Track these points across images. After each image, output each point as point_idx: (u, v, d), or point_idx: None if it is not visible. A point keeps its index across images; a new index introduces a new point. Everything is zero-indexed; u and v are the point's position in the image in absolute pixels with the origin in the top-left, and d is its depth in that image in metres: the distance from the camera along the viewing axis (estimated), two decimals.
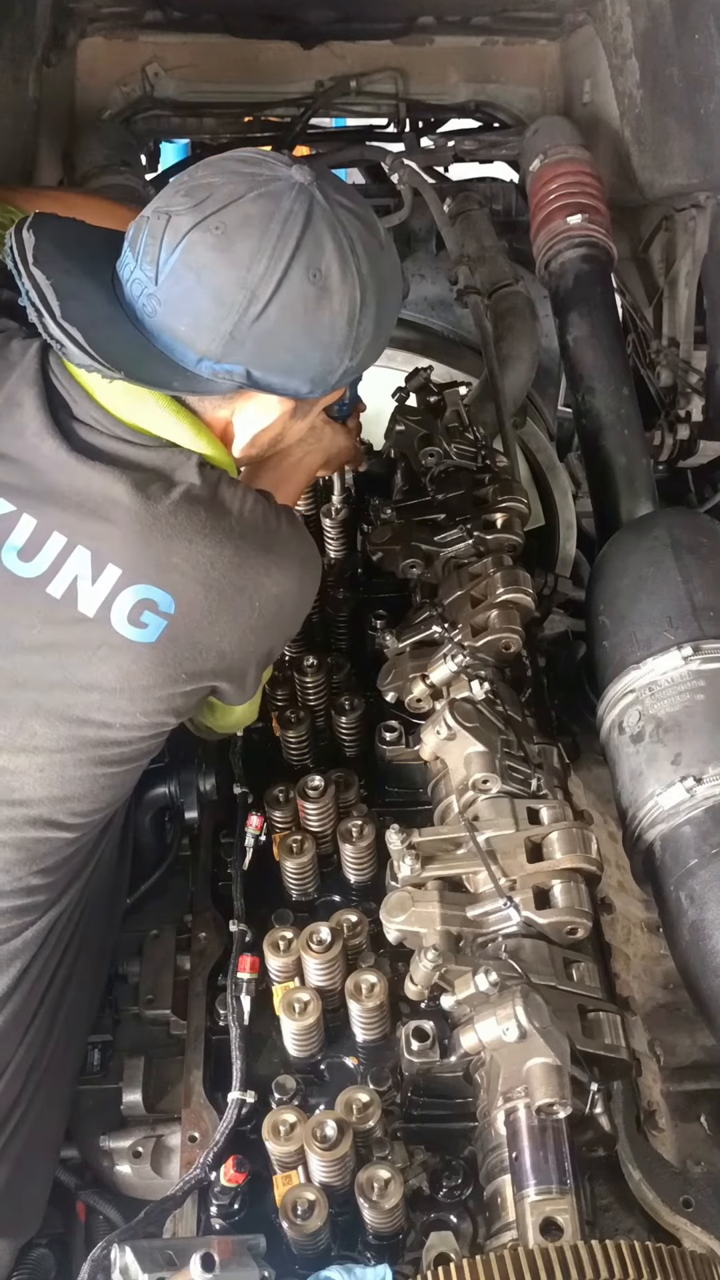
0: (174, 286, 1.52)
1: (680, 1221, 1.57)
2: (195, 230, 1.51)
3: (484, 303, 2.95)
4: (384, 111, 3.49)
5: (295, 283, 1.53)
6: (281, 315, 1.53)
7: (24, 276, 1.50)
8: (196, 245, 1.51)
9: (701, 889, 1.78)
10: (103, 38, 3.27)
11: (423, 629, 2.04)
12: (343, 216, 1.57)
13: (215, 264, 1.51)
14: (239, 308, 1.52)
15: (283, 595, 1.67)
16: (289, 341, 1.56)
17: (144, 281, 1.54)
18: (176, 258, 1.51)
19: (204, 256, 1.50)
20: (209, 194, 1.53)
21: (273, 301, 1.52)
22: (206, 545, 1.57)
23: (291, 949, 1.71)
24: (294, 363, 1.58)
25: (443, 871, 1.67)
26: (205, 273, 1.51)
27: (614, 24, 3.10)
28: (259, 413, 1.65)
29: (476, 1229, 1.51)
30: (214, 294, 1.51)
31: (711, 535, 2.23)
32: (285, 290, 1.53)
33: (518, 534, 2.21)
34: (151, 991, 1.86)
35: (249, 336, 1.53)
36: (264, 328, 1.53)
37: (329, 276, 1.55)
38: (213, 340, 1.53)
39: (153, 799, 2.02)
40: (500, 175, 3.62)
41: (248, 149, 1.65)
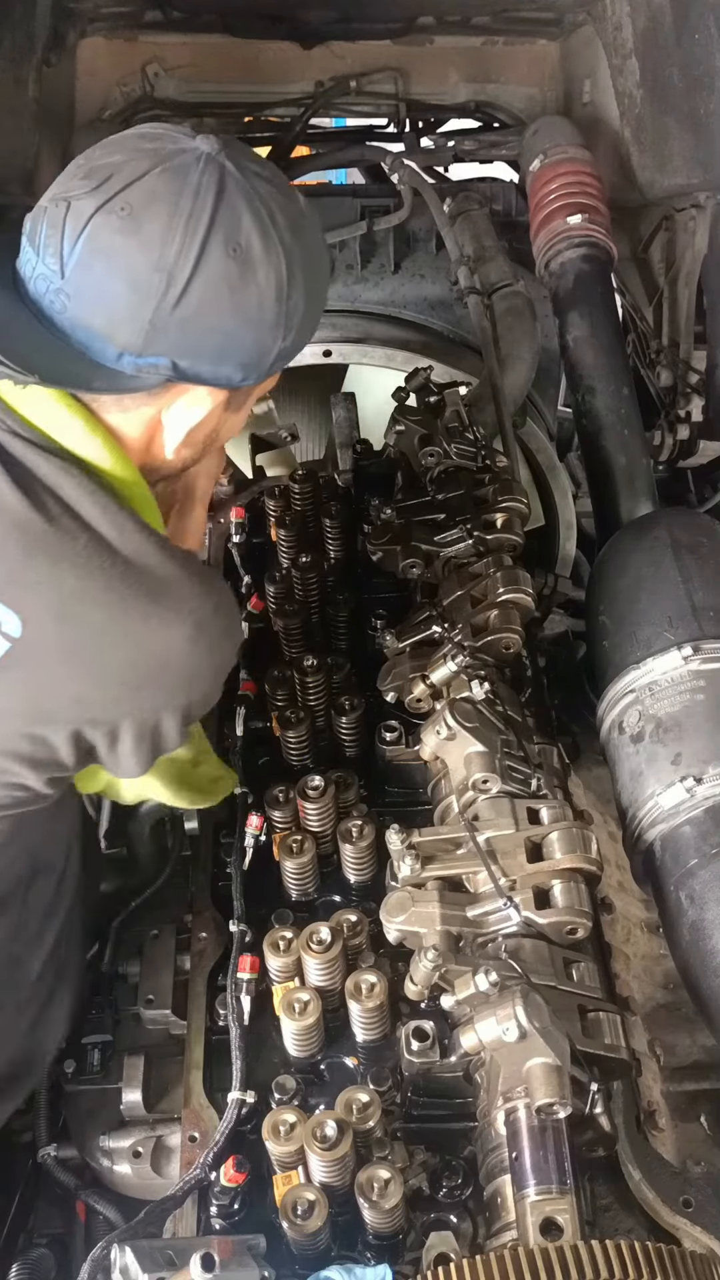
0: (83, 277, 1.41)
1: (680, 1221, 1.57)
2: (99, 214, 1.40)
3: (484, 303, 2.95)
4: (384, 111, 3.49)
5: (215, 260, 1.41)
6: (204, 296, 1.42)
7: None
8: (102, 230, 1.40)
9: (701, 889, 1.78)
10: (103, 38, 3.27)
11: (423, 629, 2.04)
12: (258, 186, 1.46)
13: (126, 248, 1.40)
14: (157, 293, 1.40)
15: (168, 653, 1.48)
16: (216, 324, 1.45)
17: (49, 276, 1.43)
18: (82, 246, 1.40)
19: (112, 241, 1.40)
20: (110, 174, 1.43)
21: (193, 282, 1.41)
22: (74, 576, 1.41)
23: (291, 949, 1.71)
24: (224, 347, 1.47)
25: (443, 871, 1.67)
26: (116, 258, 1.40)
27: (614, 24, 3.10)
28: (189, 407, 1.53)
29: (476, 1229, 1.51)
30: (128, 281, 1.40)
31: (711, 535, 2.23)
32: (205, 269, 1.41)
33: (518, 534, 2.21)
34: (151, 991, 1.86)
35: (171, 323, 1.42)
36: (186, 312, 1.42)
37: (250, 250, 1.44)
38: (133, 331, 1.42)
39: (150, 808, 2.02)
40: (500, 175, 3.62)
41: (149, 124, 1.55)
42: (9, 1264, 1.84)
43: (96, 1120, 1.81)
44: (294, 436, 2.78)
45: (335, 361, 3.09)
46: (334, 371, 3.19)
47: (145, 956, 1.91)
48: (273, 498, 2.46)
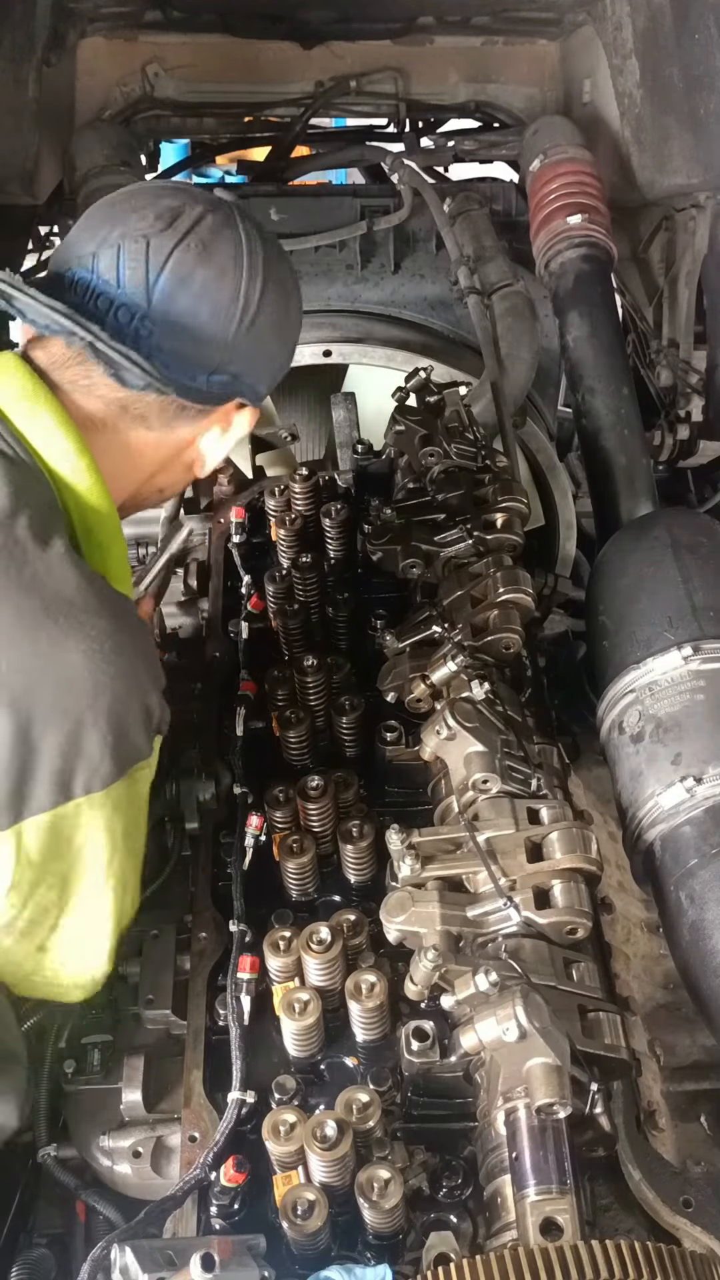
0: (169, 306, 1.56)
1: (680, 1221, 1.56)
2: (178, 250, 1.57)
3: (484, 303, 2.95)
4: (384, 111, 3.50)
5: (271, 288, 1.64)
6: (267, 317, 1.63)
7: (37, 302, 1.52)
8: (182, 264, 1.57)
9: (701, 889, 1.78)
10: (103, 38, 3.28)
11: (423, 629, 2.04)
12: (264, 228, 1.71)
13: (205, 279, 1.58)
14: (237, 316, 1.60)
15: (60, 671, 1.44)
16: (269, 343, 1.67)
17: (132, 306, 1.56)
18: (166, 277, 1.56)
19: (193, 272, 1.57)
20: (176, 216, 1.59)
21: (261, 304, 1.62)
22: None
23: (291, 949, 1.71)
24: (269, 364, 1.70)
25: (443, 871, 1.67)
26: (198, 287, 1.57)
27: (614, 24, 3.10)
28: (238, 424, 1.72)
29: (476, 1229, 1.51)
30: (212, 307, 1.58)
31: (711, 535, 2.23)
32: (268, 293, 1.63)
33: (518, 534, 2.21)
34: (151, 991, 1.86)
35: (243, 343, 1.62)
36: (254, 333, 1.62)
37: (286, 280, 1.70)
38: (214, 350, 1.60)
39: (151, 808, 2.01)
40: (500, 175, 3.62)
41: (155, 181, 1.82)
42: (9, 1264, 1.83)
43: (96, 1120, 1.81)
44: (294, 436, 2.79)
45: (335, 361, 3.09)
46: (334, 371, 3.19)
47: (145, 956, 1.91)
48: (273, 497, 2.46)
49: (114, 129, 3.23)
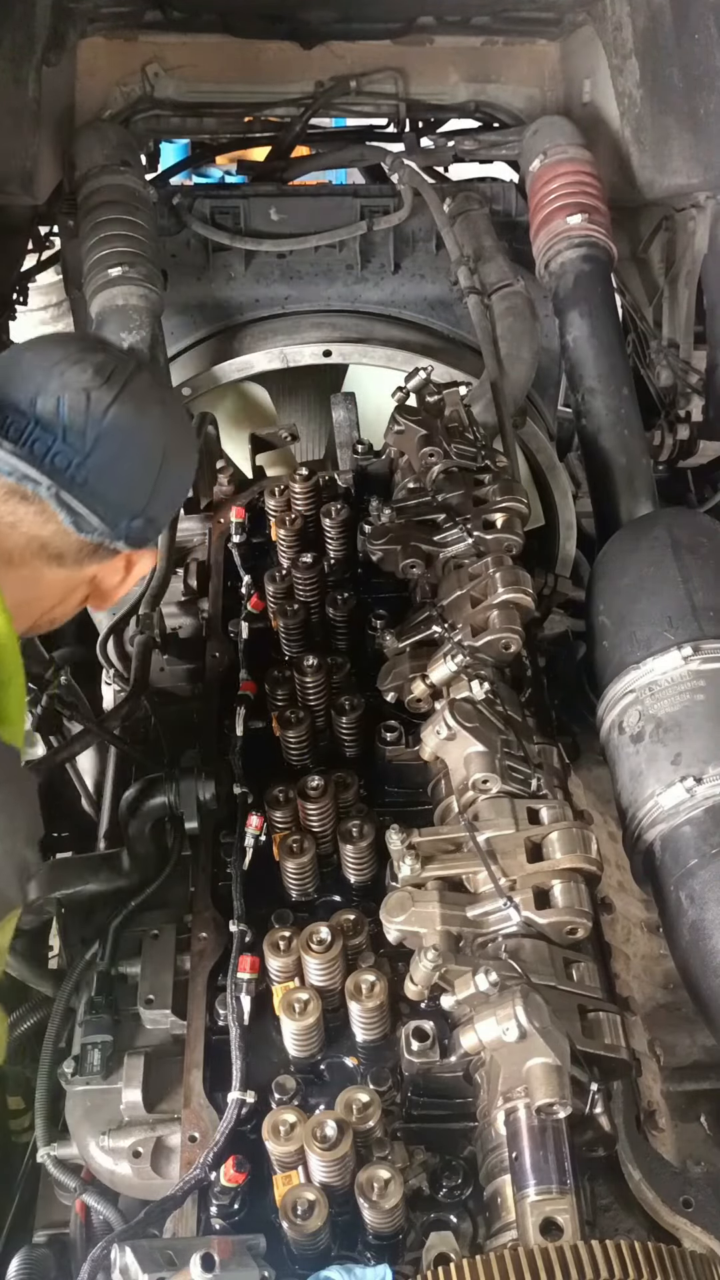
0: (104, 456, 1.62)
1: (680, 1221, 1.56)
2: (115, 404, 1.64)
3: (484, 303, 2.95)
4: (384, 111, 3.49)
5: (183, 434, 1.81)
6: (179, 465, 1.77)
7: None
8: (120, 416, 1.64)
9: (701, 889, 1.78)
10: (103, 38, 3.27)
11: (423, 629, 2.04)
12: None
13: (138, 431, 1.66)
14: (159, 465, 1.69)
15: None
16: (181, 487, 1.82)
17: (70, 454, 1.61)
18: (105, 429, 1.62)
19: (129, 424, 1.65)
20: (112, 371, 1.66)
21: (177, 453, 1.74)
22: None
23: (291, 949, 1.71)
24: (175, 505, 1.92)
25: (443, 871, 1.67)
26: (131, 438, 1.65)
27: (614, 24, 3.10)
28: (143, 563, 1.79)
29: (476, 1229, 1.51)
30: (142, 458, 1.67)
31: (711, 535, 2.23)
32: (181, 443, 1.79)
33: (518, 534, 2.21)
34: (151, 991, 1.86)
35: (162, 490, 1.71)
36: (172, 478, 1.74)
37: (189, 430, 1.95)
38: (140, 498, 1.68)
39: (151, 809, 2.01)
40: (500, 175, 3.62)
41: (80, 334, 1.89)
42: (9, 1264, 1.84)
43: (96, 1120, 1.81)
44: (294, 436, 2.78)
45: (335, 361, 3.09)
46: (334, 371, 3.19)
47: (145, 956, 1.91)
48: (273, 497, 2.46)
49: (114, 129, 3.23)
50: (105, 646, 2.60)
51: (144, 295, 2.77)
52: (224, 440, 2.91)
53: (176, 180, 3.71)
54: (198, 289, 3.24)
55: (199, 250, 3.24)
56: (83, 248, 2.91)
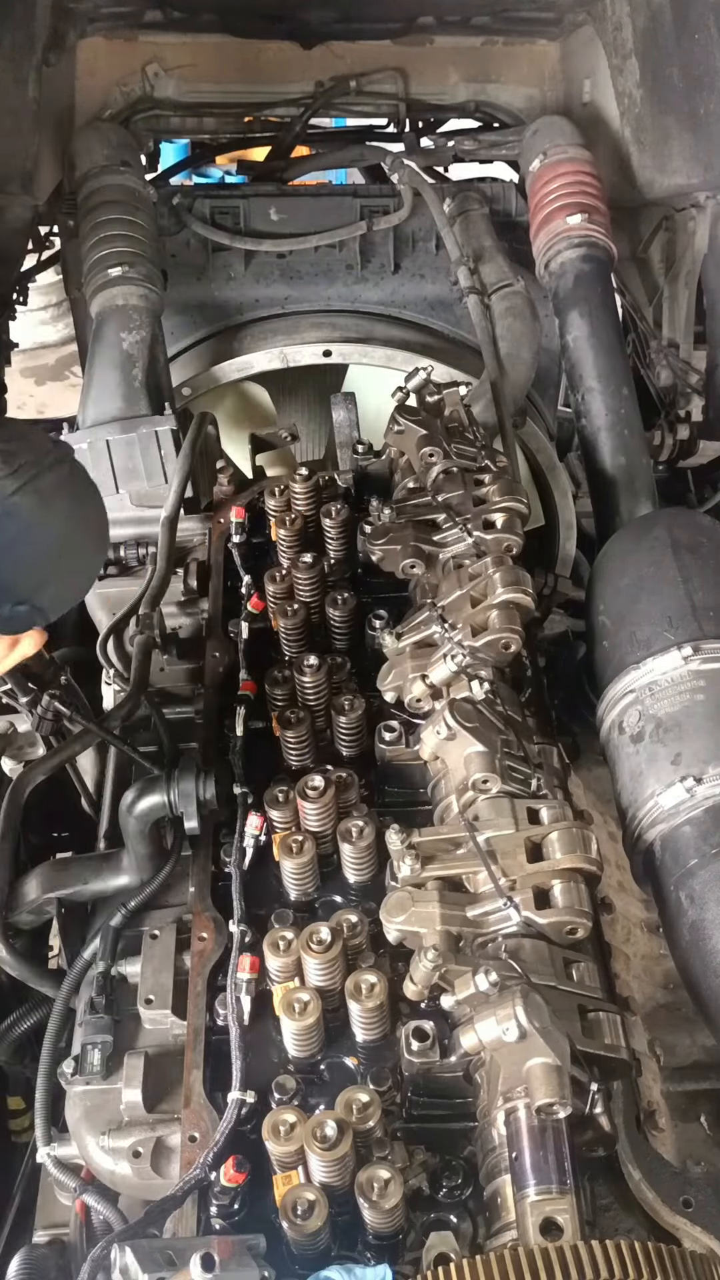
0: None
1: (680, 1221, 1.56)
2: (18, 494, 1.63)
3: (484, 303, 2.95)
4: (384, 111, 3.50)
5: (81, 533, 1.77)
6: (72, 563, 1.77)
7: None
8: (20, 505, 1.63)
9: (701, 889, 1.78)
10: (103, 38, 3.28)
11: (423, 629, 2.04)
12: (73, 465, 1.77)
13: (37, 522, 1.66)
14: (50, 559, 1.70)
15: None
16: (80, 578, 1.85)
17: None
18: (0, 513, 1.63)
19: (28, 515, 1.64)
20: (22, 461, 1.65)
21: (70, 549, 1.75)
22: None
23: (291, 949, 1.71)
24: (71, 593, 1.85)
25: (443, 871, 1.67)
26: (28, 528, 1.65)
27: (614, 24, 3.10)
28: (26, 644, 1.79)
29: (476, 1229, 1.51)
30: (35, 549, 1.67)
31: (711, 535, 2.23)
32: (76, 540, 1.77)
33: (518, 534, 2.21)
34: (151, 991, 1.86)
35: (55, 581, 1.73)
36: (61, 574, 1.75)
37: (98, 520, 1.82)
38: (27, 586, 1.68)
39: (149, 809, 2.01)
40: (500, 175, 3.63)
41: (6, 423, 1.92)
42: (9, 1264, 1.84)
43: (96, 1120, 1.81)
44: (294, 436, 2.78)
45: (335, 361, 3.09)
46: (334, 371, 3.19)
47: (145, 956, 1.91)
48: (273, 497, 2.46)
49: (114, 129, 3.23)
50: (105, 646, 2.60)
51: (144, 295, 2.77)
52: (224, 440, 2.91)
53: (176, 180, 3.72)
54: (198, 289, 3.25)
55: (199, 250, 3.24)
56: (83, 248, 2.92)
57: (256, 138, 3.57)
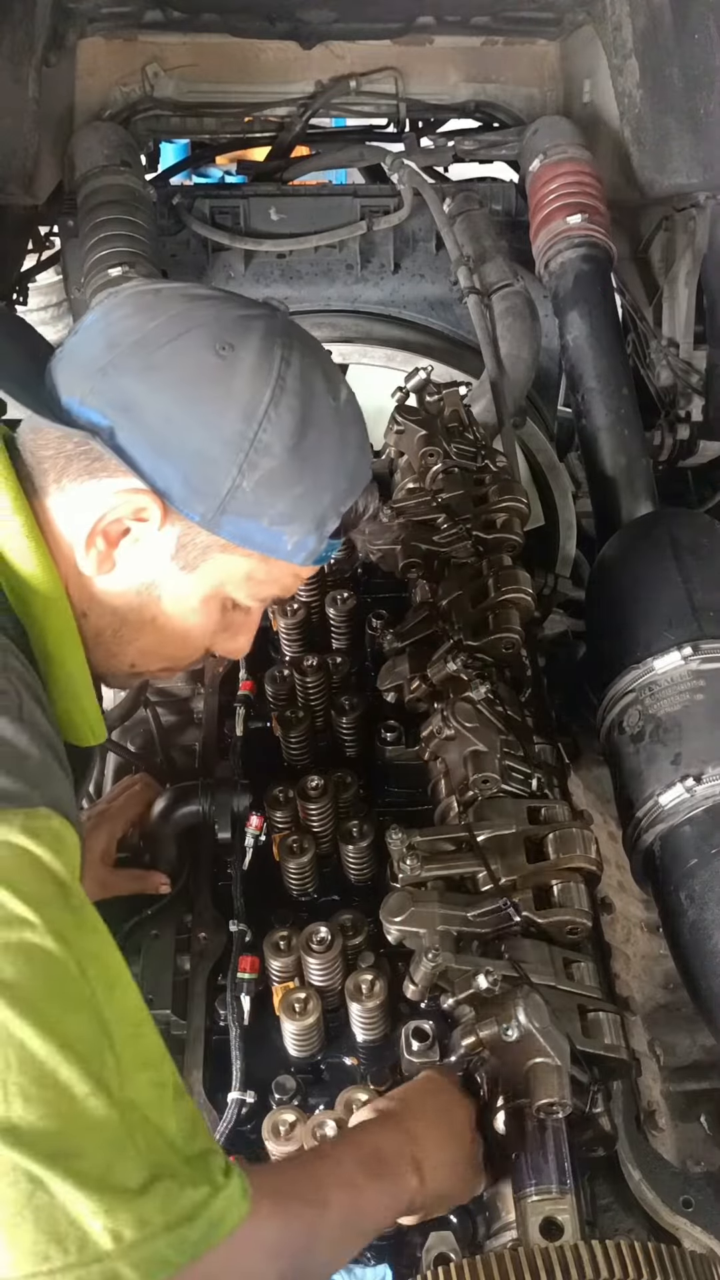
0: (81, 336, 1.38)
1: (680, 1221, 1.56)
2: (131, 293, 1.39)
3: (484, 303, 2.95)
4: (384, 111, 3.49)
5: (194, 345, 1.32)
6: (168, 369, 1.31)
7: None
8: (124, 303, 1.37)
9: (701, 889, 1.78)
10: (103, 38, 3.28)
11: (423, 629, 2.04)
12: (299, 341, 1.38)
13: (126, 314, 1.35)
14: (124, 348, 1.32)
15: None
16: (166, 404, 1.30)
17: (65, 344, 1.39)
18: (100, 310, 1.38)
19: (122, 307, 1.37)
20: (179, 283, 1.44)
21: (161, 351, 1.31)
22: None
23: (291, 949, 1.71)
24: (166, 436, 1.30)
25: (443, 871, 1.67)
26: (112, 316, 1.36)
27: (614, 24, 3.10)
28: (110, 496, 1.32)
29: (476, 1229, 1.51)
30: (107, 335, 1.34)
31: (711, 535, 2.23)
32: (180, 345, 1.31)
33: (518, 534, 2.21)
34: (151, 991, 1.86)
35: (123, 380, 1.31)
36: (143, 375, 1.31)
37: (239, 359, 1.32)
38: (86, 374, 1.32)
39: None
40: (500, 175, 3.63)
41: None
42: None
43: None
44: None
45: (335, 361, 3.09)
46: None
47: (145, 956, 1.91)
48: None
49: (114, 129, 3.23)
50: None
51: None
52: None
53: (176, 180, 3.71)
54: None
55: (199, 250, 3.24)
56: (83, 248, 2.92)
57: (256, 138, 3.57)
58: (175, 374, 1.31)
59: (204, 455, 1.31)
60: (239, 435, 1.32)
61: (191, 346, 1.32)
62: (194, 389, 1.31)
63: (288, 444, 1.34)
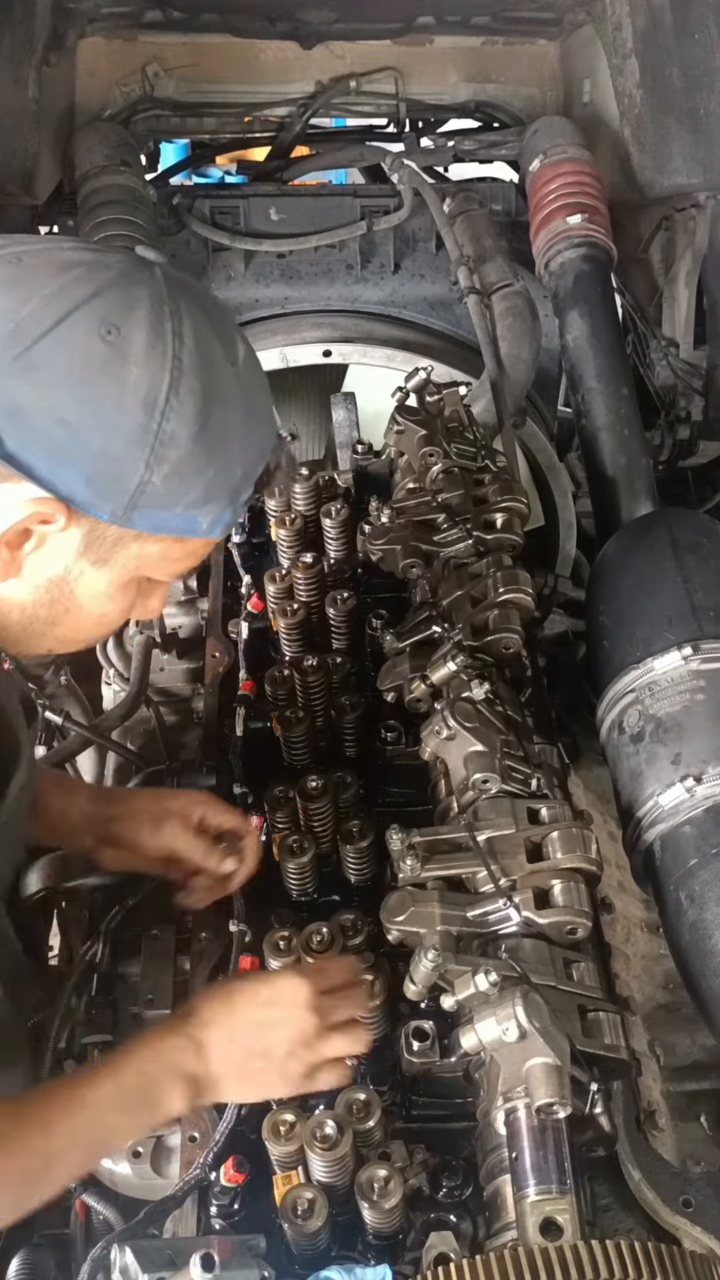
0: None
1: (680, 1221, 1.56)
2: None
3: (484, 303, 2.95)
4: (384, 111, 3.50)
5: (77, 331, 1.23)
6: (52, 362, 1.22)
7: None
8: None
9: (701, 889, 1.78)
10: (103, 38, 3.28)
11: (423, 629, 2.04)
12: (185, 303, 1.29)
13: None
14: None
15: None
16: (58, 404, 1.23)
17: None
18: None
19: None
20: (37, 242, 1.34)
21: (41, 341, 1.22)
22: None
23: (291, 949, 1.71)
24: (65, 441, 1.23)
25: (443, 871, 1.67)
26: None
27: (614, 24, 3.10)
28: (7, 506, 1.26)
29: (476, 1229, 1.51)
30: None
31: (711, 535, 2.23)
32: (61, 334, 1.23)
33: (518, 534, 2.21)
34: (151, 991, 1.86)
35: (3, 379, 1.22)
36: (22, 373, 1.22)
37: (129, 342, 1.24)
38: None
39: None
40: (500, 175, 3.63)
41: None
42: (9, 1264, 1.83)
43: None
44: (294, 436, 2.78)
45: (335, 361, 3.09)
46: (334, 371, 3.19)
47: (145, 956, 1.91)
48: (273, 497, 2.45)
49: (114, 129, 3.24)
50: (105, 646, 2.60)
51: None
52: None
53: (176, 180, 3.71)
54: None
55: (199, 250, 3.24)
56: None
57: (256, 138, 3.57)
58: (62, 369, 1.23)
59: (106, 455, 1.25)
60: (141, 430, 1.26)
61: (74, 335, 1.23)
62: (85, 386, 1.23)
63: (193, 431, 1.28)
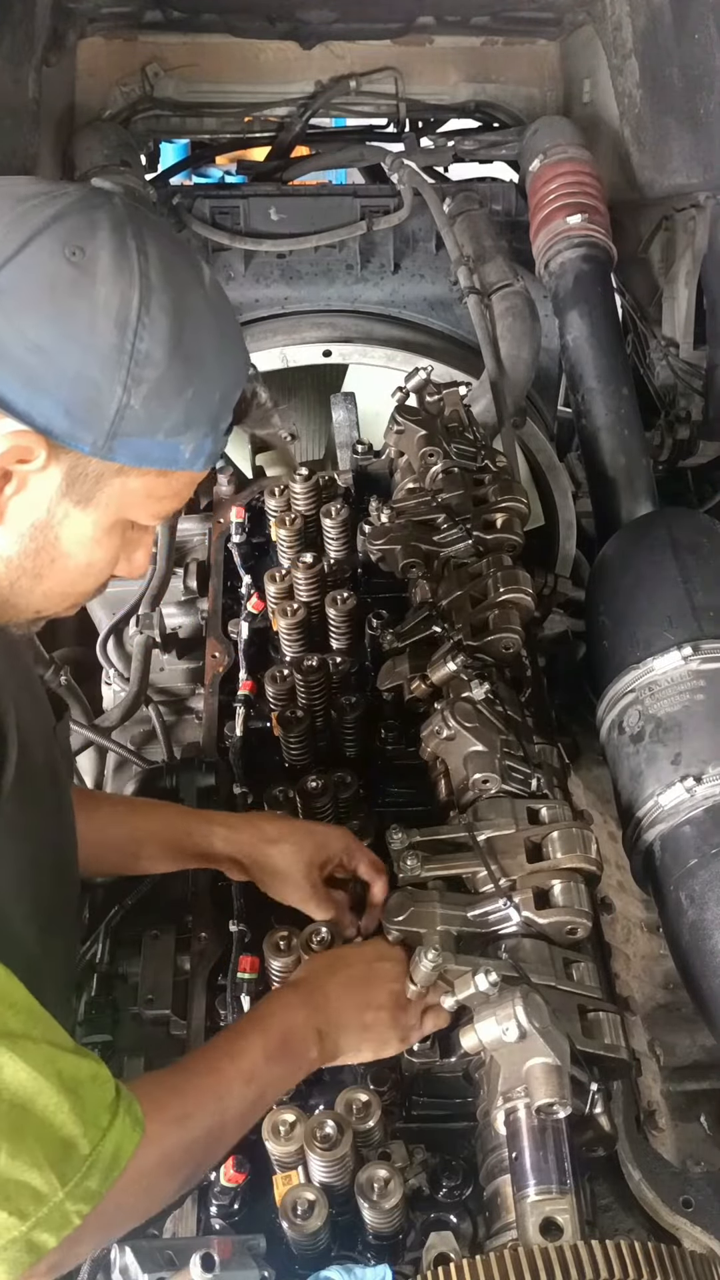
0: None
1: (680, 1221, 1.56)
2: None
3: (484, 303, 2.95)
4: (384, 111, 3.50)
5: (42, 255, 1.19)
6: (19, 288, 1.18)
7: None
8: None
9: (701, 889, 1.78)
10: (103, 38, 3.28)
11: (423, 629, 2.04)
12: (146, 226, 1.26)
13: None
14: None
15: None
16: (29, 329, 1.18)
17: None
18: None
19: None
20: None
21: (5, 268, 1.18)
22: None
23: (291, 949, 1.71)
24: (40, 368, 1.19)
25: (443, 871, 1.67)
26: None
27: (614, 24, 3.11)
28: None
29: (476, 1229, 1.51)
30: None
31: (711, 535, 2.23)
32: (25, 258, 1.19)
33: (518, 534, 2.21)
34: (151, 991, 1.86)
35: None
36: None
37: (95, 261, 1.20)
38: None
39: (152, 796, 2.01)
40: (500, 175, 3.63)
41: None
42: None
43: None
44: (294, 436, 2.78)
45: (335, 361, 3.09)
46: (334, 371, 3.19)
47: (145, 956, 1.91)
48: (273, 497, 2.46)
49: (114, 129, 3.24)
50: (105, 646, 2.61)
51: None
52: None
53: (176, 180, 3.72)
54: None
55: (199, 250, 3.24)
56: None
57: (256, 138, 3.57)
58: (29, 294, 1.19)
59: (83, 379, 1.21)
60: (115, 349, 1.22)
61: (38, 259, 1.19)
62: (54, 307, 1.19)
63: (168, 349, 1.25)
